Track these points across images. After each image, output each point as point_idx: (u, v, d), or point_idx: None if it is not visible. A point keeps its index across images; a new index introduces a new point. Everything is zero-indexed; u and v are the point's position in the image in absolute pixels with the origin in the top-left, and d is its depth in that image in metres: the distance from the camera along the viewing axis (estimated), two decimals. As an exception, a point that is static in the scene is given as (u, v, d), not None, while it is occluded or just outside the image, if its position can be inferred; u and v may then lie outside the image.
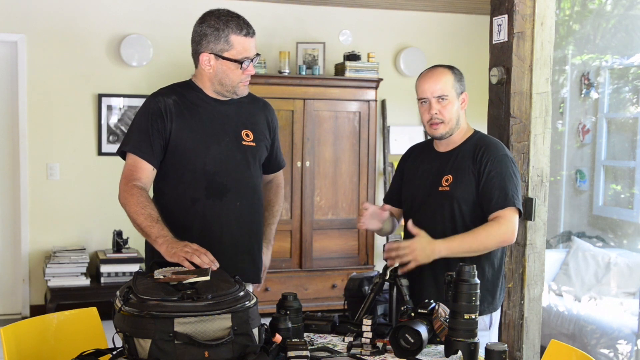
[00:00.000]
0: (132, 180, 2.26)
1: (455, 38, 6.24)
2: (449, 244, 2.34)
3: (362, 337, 2.05)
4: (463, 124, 2.53)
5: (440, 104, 2.45)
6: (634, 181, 5.09)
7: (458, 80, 2.49)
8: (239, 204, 2.39)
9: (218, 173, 2.36)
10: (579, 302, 4.61)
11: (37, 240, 5.36)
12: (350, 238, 5.67)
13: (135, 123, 2.37)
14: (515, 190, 2.40)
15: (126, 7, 5.48)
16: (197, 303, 1.75)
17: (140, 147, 2.30)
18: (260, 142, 2.47)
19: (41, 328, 2.34)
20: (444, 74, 2.47)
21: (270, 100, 5.37)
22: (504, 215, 2.36)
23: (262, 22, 5.77)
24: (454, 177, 2.46)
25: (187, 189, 2.35)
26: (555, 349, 2.22)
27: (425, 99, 2.47)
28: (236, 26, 2.33)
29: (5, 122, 5.33)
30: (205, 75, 2.37)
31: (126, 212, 2.24)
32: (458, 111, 2.49)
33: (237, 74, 2.35)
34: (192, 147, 2.33)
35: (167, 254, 2.08)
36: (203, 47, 2.32)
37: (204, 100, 2.39)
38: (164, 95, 2.37)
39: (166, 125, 2.31)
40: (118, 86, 5.46)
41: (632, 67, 5.17)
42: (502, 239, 2.37)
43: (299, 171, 5.49)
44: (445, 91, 2.45)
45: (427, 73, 2.50)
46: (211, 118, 2.38)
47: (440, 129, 2.47)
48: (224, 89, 2.38)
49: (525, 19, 3.04)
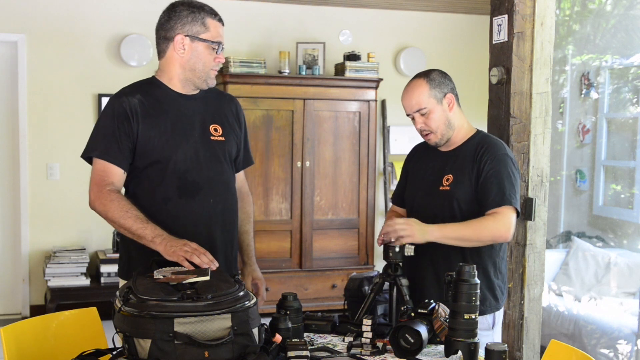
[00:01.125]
0: (105, 185, 2.21)
1: (455, 38, 6.24)
2: (442, 228, 2.35)
3: (362, 337, 2.05)
4: (459, 124, 2.52)
5: (423, 117, 2.48)
6: (634, 181, 5.09)
7: (435, 87, 2.47)
8: (212, 200, 2.34)
9: (189, 171, 2.30)
10: (579, 302, 4.61)
11: (37, 240, 5.36)
12: (350, 238, 5.67)
13: (100, 126, 2.29)
14: (513, 190, 2.40)
15: (126, 7, 5.48)
16: (197, 303, 1.75)
17: (109, 152, 2.24)
18: (229, 135, 2.41)
19: (41, 328, 2.34)
20: (416, 86, 2.48)
21: (270, 100, 5.46)
22: (501, 212, 2.36)
23: (262, 22, 5.77)
24: (454, 177, 2.46)
25: (158, 189, 2.29)
26: (555, 349, 2.22)
27: (409, 115, 2.52)
28: (210, 10, 2.32)
29: (5, 122, 5.34)
30: (176, 62, 2.30)
31: (107, 218, 2.19)
32: (445, 116, 2.48)
33: (209, 59, 2.29)
34: (161, 146, 2.27)
35: (166, 252, 2.06)
36: (177, 30, 2.27)
37: (169, 96, 2.33)
38: (128, 95, 2.31)
39: (133, 126, 2.25)
40: (118, 86, 5.35)
41: (632, 67, 5.17)
42: (496, 233, 2.36)
43: (299, 171, 5.49)
44: (422, 104, 2.46)
45: (405, 89, 2.53)
46: (178, 115, 2.32)
47: (432, 138, 2.51)
48: (195, 76, 2.31)
49: (525, 19, 3.04)
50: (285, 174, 5.48)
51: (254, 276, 2.54)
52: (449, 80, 2.52)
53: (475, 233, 2.35)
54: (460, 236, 2.35)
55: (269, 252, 5.39)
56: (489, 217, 2.37)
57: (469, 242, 2.38)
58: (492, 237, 2.38)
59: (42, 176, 5.36)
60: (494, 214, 2.36)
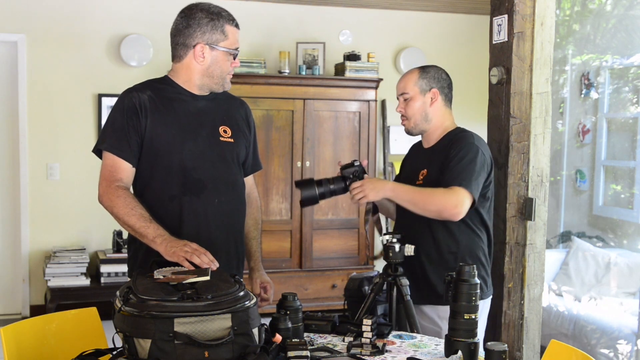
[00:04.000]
0: (114, 181, 2.22)
1: (455, 38, 6.24)
2: (397, 187, 2.47)
3: (362, 337, 2.05)
4: (438, 121, 2.59)
5: (405, 102, 2.59)
6: (634, 181, 5.09)
7: (424, 78, 2.57)
8: (217, 200, 2.34)
9: (195, 169, 2.30)
10: (579, 302, 4.61)
11: (37, 240, 5.36)
12: (350, 238, 5.67)
13: (110, 120, 2.30)
14: (471, 176, 2.42)
15: (126, 7, 5.48)
16: (197, 303, 1.75)
17: (118, 146, 2.25)
18: (238, 138, 2.42)
19: (41, 328, 2.34)
20: (409, 73, 2.61)
21: (270, 100, 5.46)
22: (455, 189, 2.39)
23: (262, 22, 5.77)
24: (428, 171, 2.54)
25: (164, 186, 2.29)
26: (555, 349, 2.22)
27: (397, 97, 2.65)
28: (228, 16, 2.31)
29: (5, 122, 5.33)
30: (195, 69, 2.31)
31: (113, 213, 2.20)
32: (424, 108, 2.57)
33: (227, 65, 2.31)
34: (168, 142, 2.28)
35: (167, 253, 2.07)
36: (197, 38, 2.27)
37: (180, 95, 2.34)
38: (139, 90, 2.31)
39: (141, 122, 2.26)
40: (118, 86, 5.46)
41: (632, 67, 5.16)
42: (443, 206, 2.39)
43: (299, 171, 5.49)
44: (407, 89, 2.58)
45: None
46: (187, 113, 2.33)
47: (406, 124, 2.62)
48: (213, 82, 2.33)
49: (525, 19, 3.04)
50: (285, 174, 5.48)
51: (262, 280, 2.53)
52: (442, 79, 2.59)
53: (423, 199, 2.41)
54: (409, 199, 2.43)
55: (269, 252, 5.38)
56: (442, 189, 2.41)
57: (417, 208, 2.43)
58: (437, 210, 2.41)
59: (42, 176, 5.36)
60: (448, 189, 2.40)
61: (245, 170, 2.51)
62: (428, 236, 2.52)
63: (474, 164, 2.43)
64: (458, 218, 2.41)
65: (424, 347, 2.12)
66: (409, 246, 2.41)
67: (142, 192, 2.33)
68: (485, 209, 2.55)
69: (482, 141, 2.55)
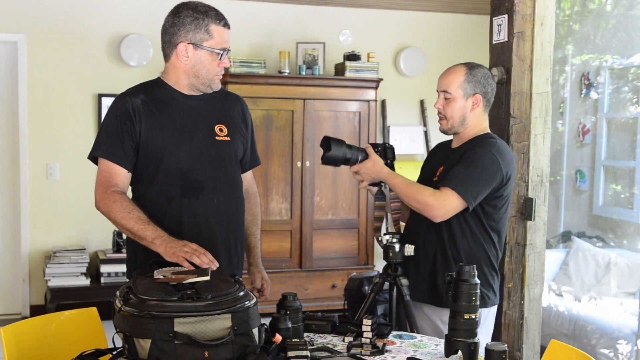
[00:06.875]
0: (110, 186, 2.22)
1: (455, 38, 6.24)
2: (392, 175, 2.47)
3: (362, 337, 2.05)
4: (473, 125, 2.52)
5: (445, 101, 2.51)
6: (634, 181, 5.09)
7: (470, 81, 2.47)
8: (216, 201, 2.34)
9: (192, 170, 2.30)
10: (579, 302, 4.61)
11: (37, 240, 5.36)
12: (350, 238, 5.67)
13: (104, 126, 2.29)
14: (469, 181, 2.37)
15: (126, 7, 5.48)
16: (197, 303, 1.75)
17: (113, 152, 2.24)
18: (235, 136, 2.40)
19: (41, 328, 2.34)
20: (455, 71, 2.51)
21: (270, 100, 5.46)
22: (444, 191, 2.37)
23: (262, 22, 5.78)
24: (445, 168, 2.50)
25: (162, 189, 2.29)
26: (555, 349, 2.22)
27: (437, 90, 2.55)
28: (215, 16, 2.28)
29: (5, 122, 5.34)
30: (180, 68, 2.30)
31: (110, 218, 2.20)
32: (464, 111, 2.49)
33: (214, 65, 2.29)
34: (164, 145, 2.27)
35: (166, 254, 2.07)
36: (181, 37, 2.25)
37: (174, 96, 2.33)
38: (132, 95, 2.30)
39: (135, 126, 2.25)
40: (118, 86, 5.45)
41: (632, 67, 5.16)
42: (426, 205, 2.38)
43: (299, 171, 5.49)
44: (450, 88, 2.48)
45: (448, 68, 2.57)
46: (182, 114, 2.32)
47: (443, 124, 2.54)
48: (199, 82, 2.31)
49: (525, 19, 3.04)
50: (285, 174, 5.48)
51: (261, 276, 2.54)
52: (488, 84, 2.51)
53: (411, 193, 2.41)
54: (400, 190, 2.44)
55: (269, 252, 5.38)
56: (432, 189, 2.40)
57: (405, 201, 2.44)
58: (420, 207, 2.40)
59: (42, 176, 5.36)
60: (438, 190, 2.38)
61: (244, 167, 2.51)
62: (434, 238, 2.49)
63: (480, 171, 2.38)
64: (438, 220, 2.39)
65: (424, 347, 2.12)
66: (409, 246, 2.41)
67: (141, 196, 2.33)
68: (494, 219, 2.48)
69: (505, 152, 2.46)
